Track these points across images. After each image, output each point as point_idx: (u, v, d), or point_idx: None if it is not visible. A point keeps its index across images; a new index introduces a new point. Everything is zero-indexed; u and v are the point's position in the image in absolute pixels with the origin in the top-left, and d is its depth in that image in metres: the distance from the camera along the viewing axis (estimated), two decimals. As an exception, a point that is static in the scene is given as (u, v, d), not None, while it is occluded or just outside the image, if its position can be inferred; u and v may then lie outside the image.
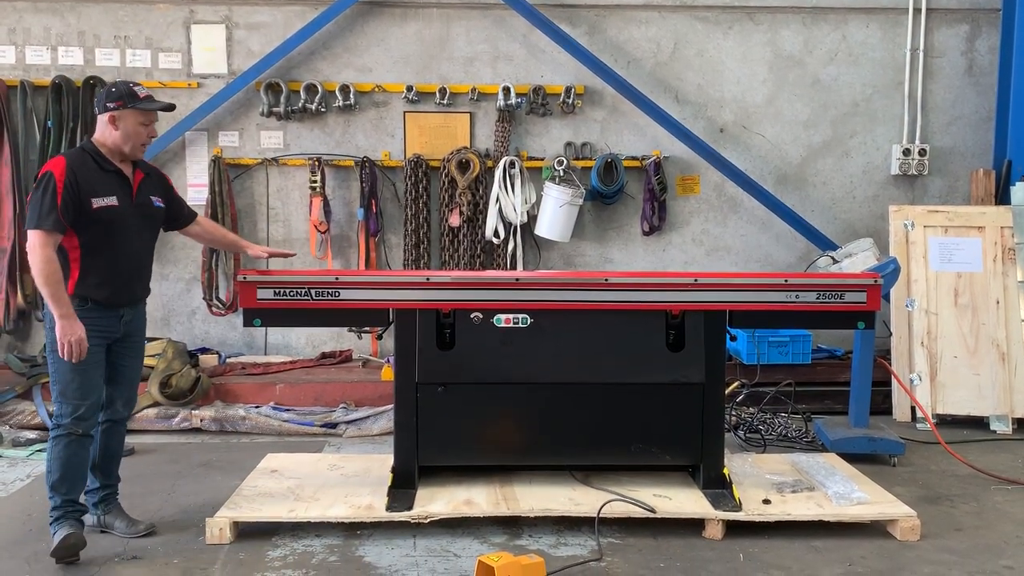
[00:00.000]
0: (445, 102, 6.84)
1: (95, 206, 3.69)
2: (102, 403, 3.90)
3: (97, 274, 3.75)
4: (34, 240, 3.60)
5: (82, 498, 3.91)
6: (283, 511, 4.04)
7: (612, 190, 6.81)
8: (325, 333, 7.09)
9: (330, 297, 4.09)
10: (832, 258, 6.27)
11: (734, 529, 4.03)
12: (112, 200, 3.74)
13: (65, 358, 3.64)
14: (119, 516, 4.04)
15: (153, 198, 3.96)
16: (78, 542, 3.72)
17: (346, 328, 6.90)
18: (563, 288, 4.16)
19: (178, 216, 4.18)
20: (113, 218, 3.74)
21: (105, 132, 3.80)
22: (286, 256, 4.54)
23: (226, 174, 6.80)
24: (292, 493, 4.26)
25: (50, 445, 3.79)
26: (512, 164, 6.75)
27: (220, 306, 6.87)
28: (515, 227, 6.80)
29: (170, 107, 3.93)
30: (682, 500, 4.17)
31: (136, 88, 3.83)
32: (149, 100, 3.82)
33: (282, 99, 6.74)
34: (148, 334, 4.70)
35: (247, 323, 4.19)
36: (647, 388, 4.24)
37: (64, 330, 3.61)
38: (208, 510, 4.10)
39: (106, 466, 4.05)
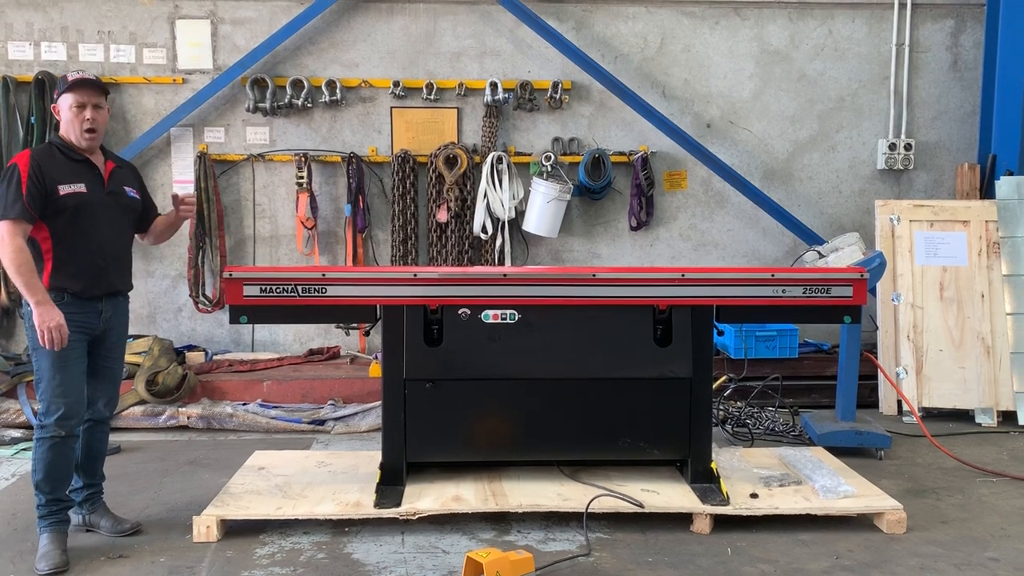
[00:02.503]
0: (432, 97, 6.83)
1: (62, 192, 3.64)
2: (85, 402, 3.82)
3: (71, 264, 3.69)
4: (2, 231, 3.57)
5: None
6: (271, 509, 4.03)
7: (600, 185, 6.81)
8: (312, 330, 7.07)
9: (317, 294, 4.07)
10: (818, 253, 6.30)
11: (722, 523, 4.04)
12: (80, 187, 3.69)
13: (47, 346, 3.57)
14: (104, 515, 4.01)
15: (127, 189, 3.91)
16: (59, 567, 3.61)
17: (334, 325, 6.89)
18: (551, 284, 4.16)
19: (148, 215, 4.09)
20: (82, 205, 3.69)
21: (61, 124, 3.80)
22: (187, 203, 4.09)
23: (212, 170, 6.76)
24: (280, 490, 4.24)
25: (35, 445, 3.72)
26: (500, 160, 6.74)
27: (206, 303, 6.83)
28: (503, 223, 6.80)
29: (95, 82, 3.76)
30: (670, 495, 4.18)
31: (70, 74, 3.77)
32: (77, 82, 3.72)
33: (268, 95, 6.71)
34: (134, 331, 4.66)
35: (233, 320, 4.16)
36: (635, 383, 4.25)
37: (42, 317, 3.55)
38: (195, 508, 4.08)
39: (90, 465, 4.00)
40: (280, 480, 4.38)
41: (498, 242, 6.83)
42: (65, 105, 3.74)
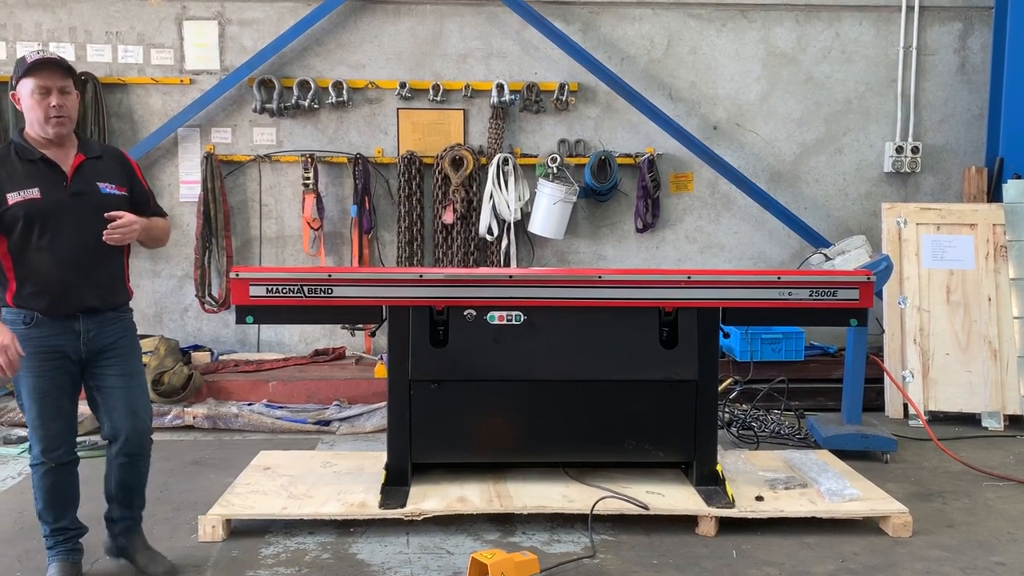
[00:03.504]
0: (438, 99, 6.83)
1: (11, 201, 3.19)
2: (73, 429, 3.43)
3: (33, 281, 3.26)
4: None
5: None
6: (276, 508, 4.03)
7: (606, 187, 6.81)
8: (318, 330, 7.08)
9: (323, 294, 4.08)
10: (825, 255, 6.28)
11: (727, 526, 4.03)
12: (32, 192, 3.21)
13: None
14: (140, 549, 3.63)
15: (102, 184, 3.36)
16: None
17: (339, 325, 6.90)
18: (556, 285, 4.16)
19: (140, 212, 3.46)
20: (35, 213, 3.21)
21: (25, 116, 3.30)
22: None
23: (219, 171, 6.78)
24: (285, 491, 4.25)
25: (31, 473, 3.44)
26: (506, 161, 6.74)
27: (212, 303, 6.85)
28: (509, 224, 6.80)
29: (59, 62, 3.25)
30: (675, 497, 4.17)
31: (28, 55, 3.26)
32: (38, 63, 3.21)
33: (275, 96, 6.72)
34: (140, 331, 4.61)
35: (240, 320, 4.16)
36: (640, 385, 4.24)
37: None
38: (201, 508, 4.09)
39: (125, 498, 3.58)
40: (285, 480, 4.39)
41: (504, 243, 6.84)
42: (26, 91, 3.22)
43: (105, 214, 3.29)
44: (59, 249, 3.26)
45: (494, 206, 6.73)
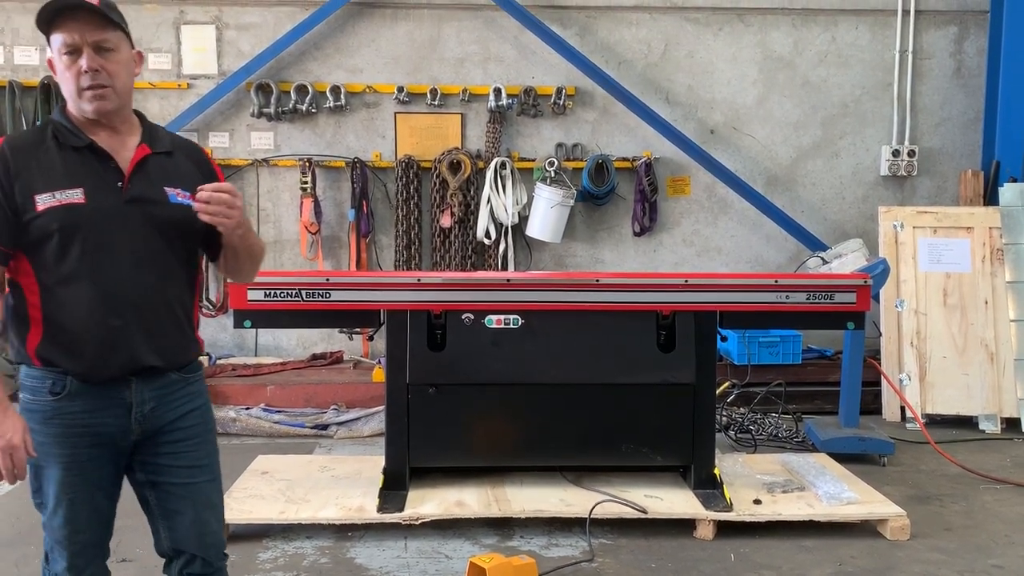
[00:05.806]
0: (436, 103, 6.84)
1: (40, 207, 2.18)
2: (106, 544, 2.50)
3: (67, 326, 2.25)
4: None
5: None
6: (274, 513, 4.03)
7: (603, 191, 6.82)
8: (316, 334, 7.07)
9: (321, 298, 4.08)
10: (822, 259, 6.29)
11: (725, 529, 4.04)
12: (75, 195, 2.20)
13: None
14: None
15: (171, 190, 2.34)
16: None
17: (337, 329, 6.89)
18: (554, 289, 4.17)
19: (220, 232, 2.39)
20: (76, 224, 2.20)
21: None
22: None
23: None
24: (283, 495, 4.24)
25: None
26: (503, 165, 6.75)
27: (210, 307, 6.84)
28: (506, 228, 6.80)
29: (93, 8, 2.18)
30: (673, 500, 4.18)
31: (49, 5, 2.18)
32: (62, 7, 2.18)
33: (272, 100, 6.73)
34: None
35: (237, 324, 4.16)
36: (638, 389, 4.24)
37: None
38: (198, 512, 4.08)
39: None
40: (283, 485, 4.38)
41: (501, 247, 6.84)
42: (55, 51, 2.23)
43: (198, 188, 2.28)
44: (106, 279, 2.25)
45: (491, 210, 6.74)
